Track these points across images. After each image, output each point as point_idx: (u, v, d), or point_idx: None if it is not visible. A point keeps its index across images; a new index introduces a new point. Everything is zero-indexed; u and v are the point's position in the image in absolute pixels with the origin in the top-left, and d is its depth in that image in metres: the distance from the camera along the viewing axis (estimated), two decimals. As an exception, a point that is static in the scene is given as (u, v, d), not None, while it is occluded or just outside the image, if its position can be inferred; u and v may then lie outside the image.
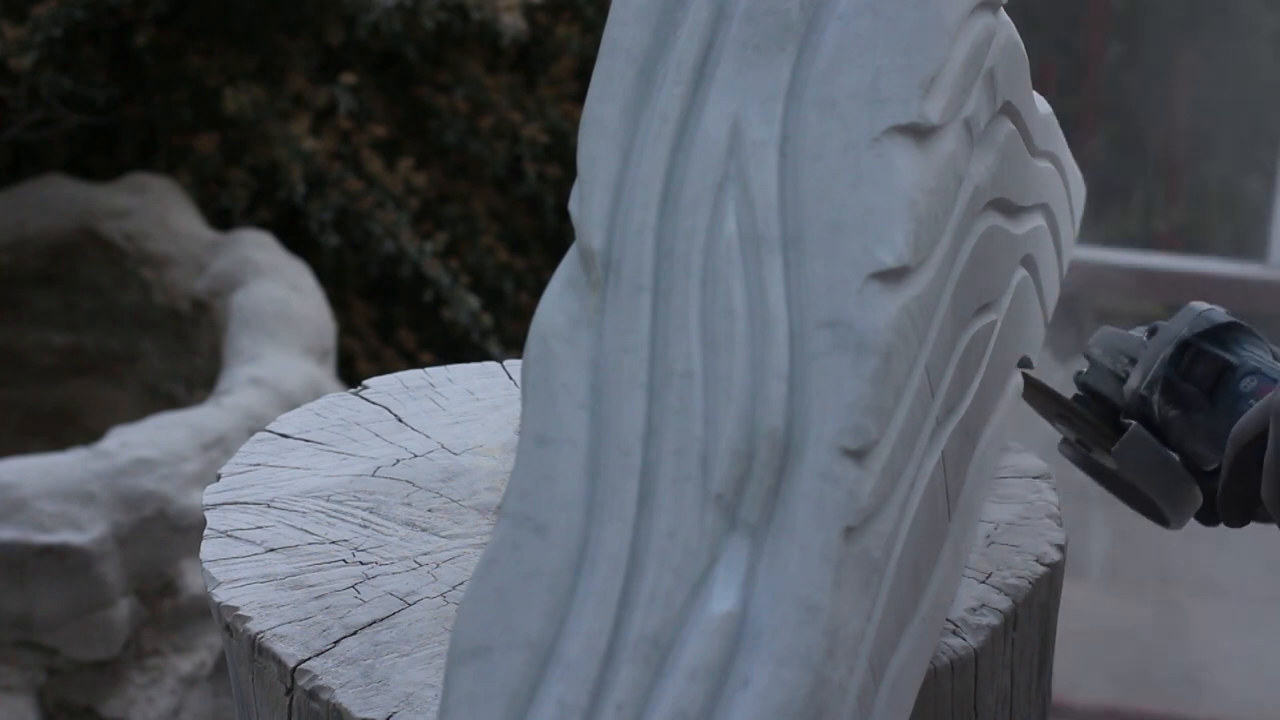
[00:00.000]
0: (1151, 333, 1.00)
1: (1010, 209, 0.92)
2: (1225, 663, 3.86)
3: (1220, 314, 0.99)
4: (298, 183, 3.49)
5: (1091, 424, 1.01)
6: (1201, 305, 0.99)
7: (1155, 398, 0.97)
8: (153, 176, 3.47)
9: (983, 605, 0.89)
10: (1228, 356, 0.96)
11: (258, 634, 0.84)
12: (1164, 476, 0.98)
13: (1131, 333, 1.02)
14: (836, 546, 0.67)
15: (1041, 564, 0.93)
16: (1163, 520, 1.01)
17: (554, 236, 4.03)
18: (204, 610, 2.64)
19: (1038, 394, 1.02)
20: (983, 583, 0.91)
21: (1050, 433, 1.06)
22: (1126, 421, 1.01)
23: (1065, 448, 1.04)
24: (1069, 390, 1.05)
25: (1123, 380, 1.01)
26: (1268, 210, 3.33)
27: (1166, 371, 0.97)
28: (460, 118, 3.82)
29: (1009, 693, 0.92)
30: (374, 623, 0.86)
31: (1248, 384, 0.95)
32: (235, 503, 0.98)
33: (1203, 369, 0.96)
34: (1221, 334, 0.97)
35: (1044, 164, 1.00)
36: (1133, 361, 1.00)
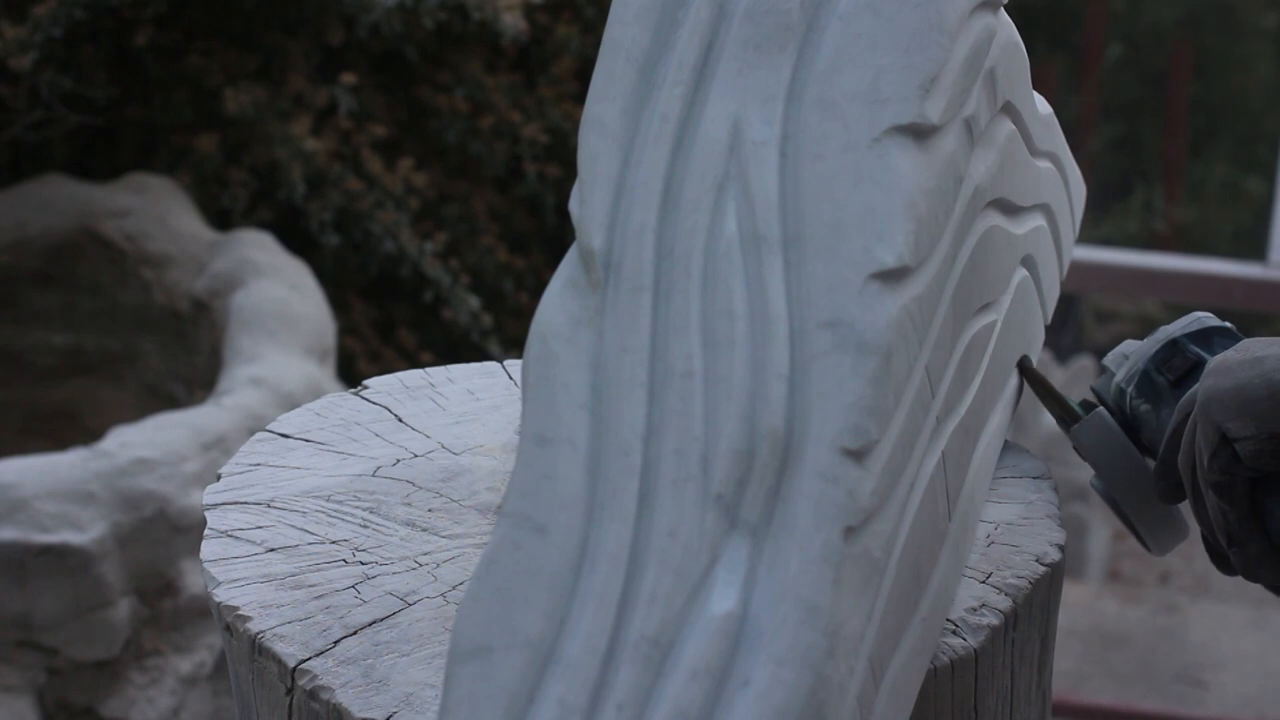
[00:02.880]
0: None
1: (1010, 209, 0.92)
2: (1225, 663, 3.86)
3: (1215, 320, 0.98)
4: (298, 183, 3.49)
5: (1065, 415, 1.01)
6: (1204, 313, 0.98)
7: (1130, 390, 0.97)
8: (153, 176, 3.47)
9: (983, 605, 0.89)
10: (1204, 354, 0.95)
11: (258, 634, 0.84)
12: (1122, 464, 0.97)
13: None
14: (837, 546, 0.67)
15: (1041, 564, 0.93)
16: (1143, 541, 1.00)
17: (554, 236, 4.03)
18: (204, 610, 2.64)
19: (1038, 387, 1.01)
20: (983, 583, 0.91)
21: (1051, 432, 1.05)
22: (1091, 403, 1.01)
23: (1097, 482, 1.04)
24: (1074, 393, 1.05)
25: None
26: (1268, 210, 3.34)
27: (1146, 365, 0.97)
28: (460, 118, 3.82)
29: (1009, 693, 0.92)
30: (374, 623, 0.86)
31: None
32: (235, 503, 0.98)
33: (1177, 363, 0.96)
34: (1210, 335, 0.96)
35: (1044, 164, 1.00)
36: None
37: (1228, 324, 0.98)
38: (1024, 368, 1.00)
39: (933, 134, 0.77)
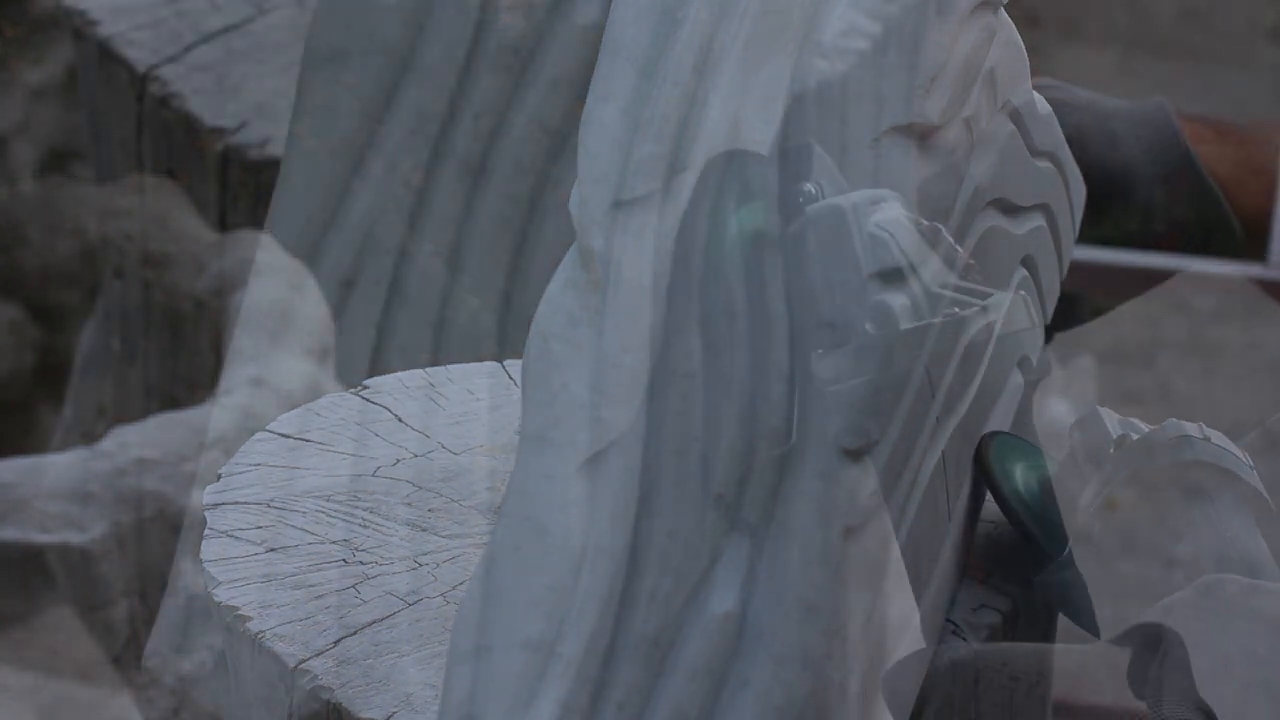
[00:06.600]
0: (1121, 442, 0.88)
1: (1010, 209, 0.92)
2: (1225, 663, 3.86)
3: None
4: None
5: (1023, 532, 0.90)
6: (1177, 429, 0.86)
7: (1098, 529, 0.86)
8: (152, 176, 3.47)
9: (982, 605, 0.89)
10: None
11: (258, 634, 0.85)
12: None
13: (1110, 429, 0.89)
14: (836, 546, 0.68)
15: (1042, 564, 0.93)
16: None
17: (554, 237, 4.03)
18: (204, 610, 2.64)
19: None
20: (983, 583, 0.91)
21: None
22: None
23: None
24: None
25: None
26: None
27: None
28: (460, 118, 3.83)
29: (1009, 693, 0.92)
30: (374, 623, 0.86)
31: None
32: (235, 503, 0.98)
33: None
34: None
35: (1044, 164, 1.00)
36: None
37: (1204, 454, 0.85)
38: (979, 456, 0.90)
39: (933, 134, 0.77)
